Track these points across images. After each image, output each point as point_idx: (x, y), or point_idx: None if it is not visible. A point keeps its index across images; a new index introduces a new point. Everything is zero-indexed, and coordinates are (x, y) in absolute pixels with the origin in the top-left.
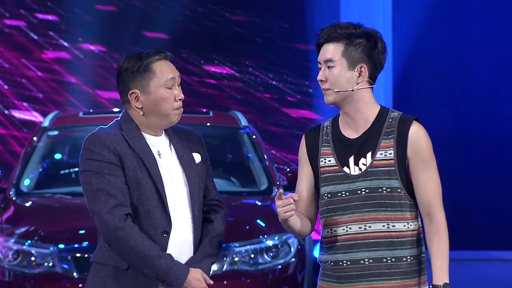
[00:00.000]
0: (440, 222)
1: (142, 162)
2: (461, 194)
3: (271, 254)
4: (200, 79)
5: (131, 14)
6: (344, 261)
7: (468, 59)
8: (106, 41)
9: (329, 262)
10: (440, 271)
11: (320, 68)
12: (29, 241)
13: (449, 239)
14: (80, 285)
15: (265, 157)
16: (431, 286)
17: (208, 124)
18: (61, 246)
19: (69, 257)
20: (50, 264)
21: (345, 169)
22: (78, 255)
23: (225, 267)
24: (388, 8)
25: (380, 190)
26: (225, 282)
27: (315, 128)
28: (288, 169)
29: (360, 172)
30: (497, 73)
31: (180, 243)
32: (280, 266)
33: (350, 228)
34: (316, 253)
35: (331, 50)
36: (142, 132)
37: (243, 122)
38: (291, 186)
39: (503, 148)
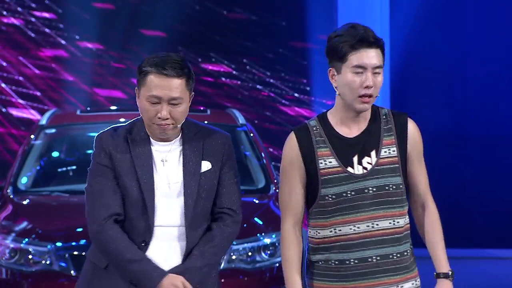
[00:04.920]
0: (435, 211)
1: (134, 170)
2: (457, 193)
3: (269, 252)
4: (198, 77)
5: (129, 12)
6: (351, 260)
7: (466, 58)
8: (103, 39)
9: (332, 261)
10: (444, 259)
11: (358, 73)
12: (26, 239)
13: (445, 237)
14: None
15: (263, 155)
16: (436, 274)
17: (206, 122)
18: (59, 244)
19: (67, 255)
20: (48, 262)
21: (349, 169)
22: (75, 253)
23: (222, 265)
24: (385, 7)
25: (387, 187)
26: (222, 280)
27: (303, 127)
28: None
29: (365, 171)
30: (494, 72)
31: (164, 251)
32: (277, 264)
33: (358, 227)
34: None
35: (377, 57)
36: (150, 138)
37: (241, 120)
38: None
39: (500, 147)
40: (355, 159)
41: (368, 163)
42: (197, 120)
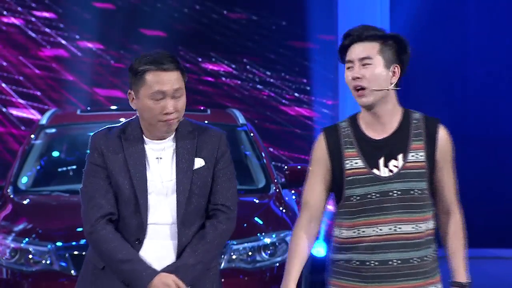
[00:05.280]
0: (459, 220)
1: (127, 168)
2: (457, 192)
3: (269, 251)
4: (198, 76)
5: (129, 12)
6: (372, 261)
7: (466, 58)
8: (104, 39)
9: (354, 261)
10: (463, 269)
11: (349, 68)
12: (26, 239)
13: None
14: None
15: (263, 155)
16: (452, 282)
17: (206, 122)
18: (59, 244)
19: (67, 255)
20: (48, 262)
21: (375, 171)
22: (75, 253)
23: (222, 264)
24: (385, 7)
25: (412, 192)
26: (222, 280)
27: (333, 128)
28: (286, 167)
29: (391, 174)
30: (494, 72)
31: (157, 249)
32: (277, 264)
33: (381, 230)
34: (315, 251)
35: (367, 48)
36: (144, 137)
37: (241, 120)
38: (288, 184)
39: (501, 147)
40: (381, 161)
41: (394, 166)
42: (197, 120)
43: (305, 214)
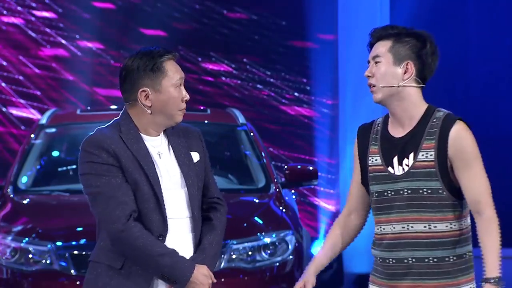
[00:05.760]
0: (490, 218)
1: (139, 165)
2: None
3: (269, 251)
4: (198, 76)
5: (129, 12)
6: (390, 259)
7: (467, 58)
8: (103, 39)
9: (378, 258)
10: (491, 265)
11: (369, 67)
12: (26, 239)
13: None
14: (78, 283)
15: (263, 154)
16: (482, 280)
17: (206, 121)
18: (59, 243)
19: (67, 255)
20: (48, 262)
21: (389, 169)
22: (75, 252)
23: (222, 264)
24: (385, 7)
25: (420, 191)
26: (222, 280)
27: (368, 124)
28: (285, 167)
29: (403, 172)
30: (495, 72)
31: (178, 244)
32: (277, 264)
33: (394, 228)
34: (314, 250)
35: (379, 47)
36: (141, 134)
37: (241, 119)
38: (288, 184)
39: (501, 147)
40: (395, 159)
41: (406, 165)
42: (197, 119)
43: (346, 207)
